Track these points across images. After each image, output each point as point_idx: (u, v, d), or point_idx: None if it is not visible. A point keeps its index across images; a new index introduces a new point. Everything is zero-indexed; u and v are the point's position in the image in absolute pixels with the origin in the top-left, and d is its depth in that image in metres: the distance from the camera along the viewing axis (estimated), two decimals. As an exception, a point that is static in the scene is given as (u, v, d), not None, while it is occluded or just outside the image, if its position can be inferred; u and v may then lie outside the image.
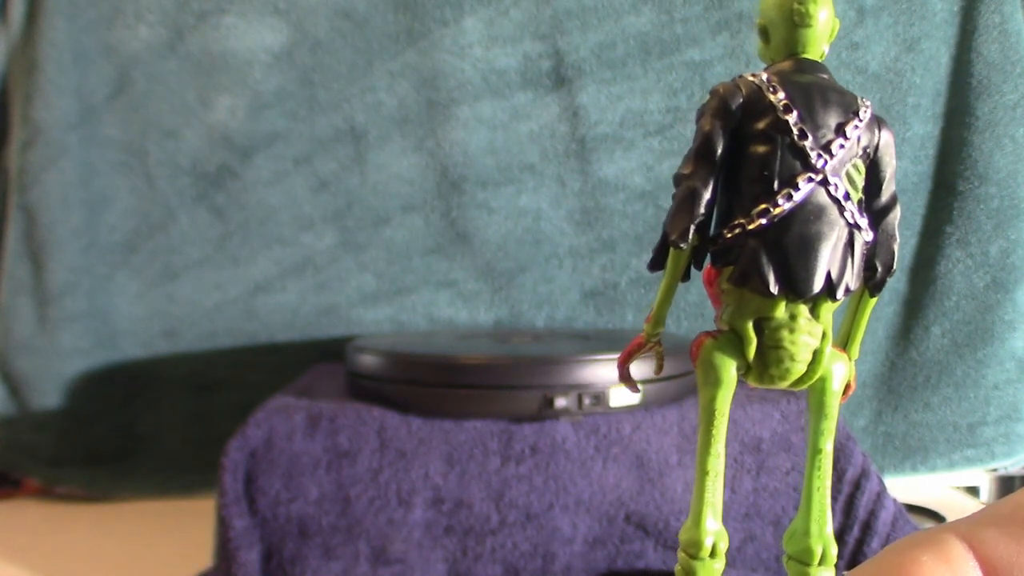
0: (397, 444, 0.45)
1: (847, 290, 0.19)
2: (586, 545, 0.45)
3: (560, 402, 0.46)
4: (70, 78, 0.64)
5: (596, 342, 0.55)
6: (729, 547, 0.20)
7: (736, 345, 0.19)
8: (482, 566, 0.44)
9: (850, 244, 0.19)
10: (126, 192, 0.66)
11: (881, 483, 0.48)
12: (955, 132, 0.68)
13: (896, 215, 0.20)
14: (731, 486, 0.46)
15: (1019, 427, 0.69)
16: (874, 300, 0.20)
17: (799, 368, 0.19)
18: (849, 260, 0.19)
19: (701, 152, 0.19)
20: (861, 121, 0.19)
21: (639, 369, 0.21)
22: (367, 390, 0.50)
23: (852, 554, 0.47)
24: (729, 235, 0.19)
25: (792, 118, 0.19)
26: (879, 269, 0.20)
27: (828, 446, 0.19)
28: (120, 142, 0.65)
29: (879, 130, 0.19)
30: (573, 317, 0.67)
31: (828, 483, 0.20)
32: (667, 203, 0.19)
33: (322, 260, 0.67)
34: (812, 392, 0.20)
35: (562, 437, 0.46)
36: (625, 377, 0.21)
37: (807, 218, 0.18)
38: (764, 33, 0.21)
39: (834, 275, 0.18)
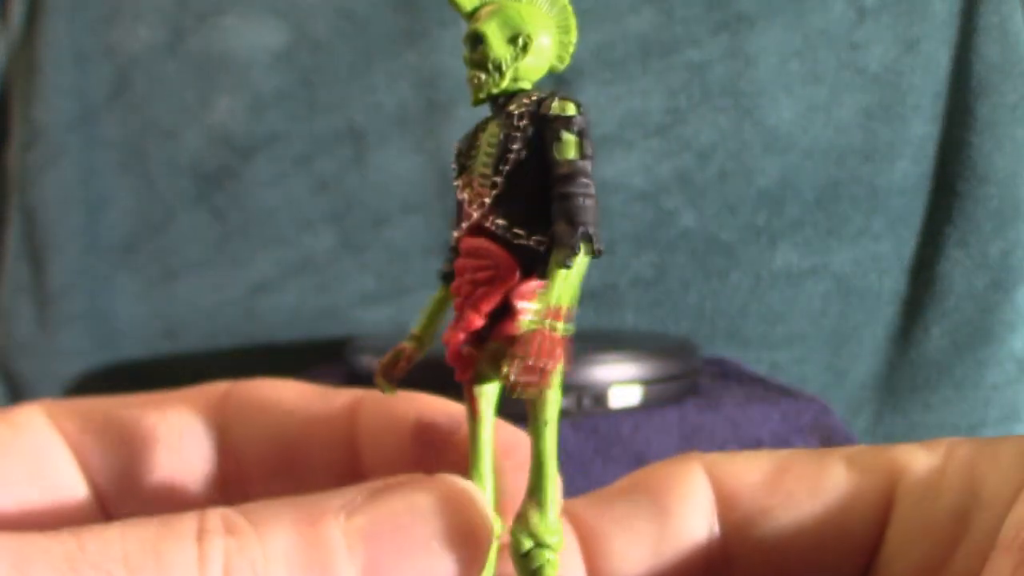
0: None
1: None
2: (586, 546, 0.45)
3: (560, 403, 0.46)
4: (70, 78, 0.64)
5: (596, 342, 0.54)
6: None
7: None
8: (482, 567, 0.44)
9: None
10: (126, 192, 0.66)
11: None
12: (955, 132, 0.67)
13: None
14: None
15: (1019, 428, 0.69)
16: None
17: None
18: None
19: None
20: None
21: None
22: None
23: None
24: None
25: None
26: None
27: None
28: (120, 142, 0.65)
29: None
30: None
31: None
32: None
33: (322, 260, 0.67)
34: None
35: (561, 437, 0.45)
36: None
37: None
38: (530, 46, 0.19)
39: None
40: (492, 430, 0.20)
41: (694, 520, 0.20)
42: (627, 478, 0.21)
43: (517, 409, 0.19)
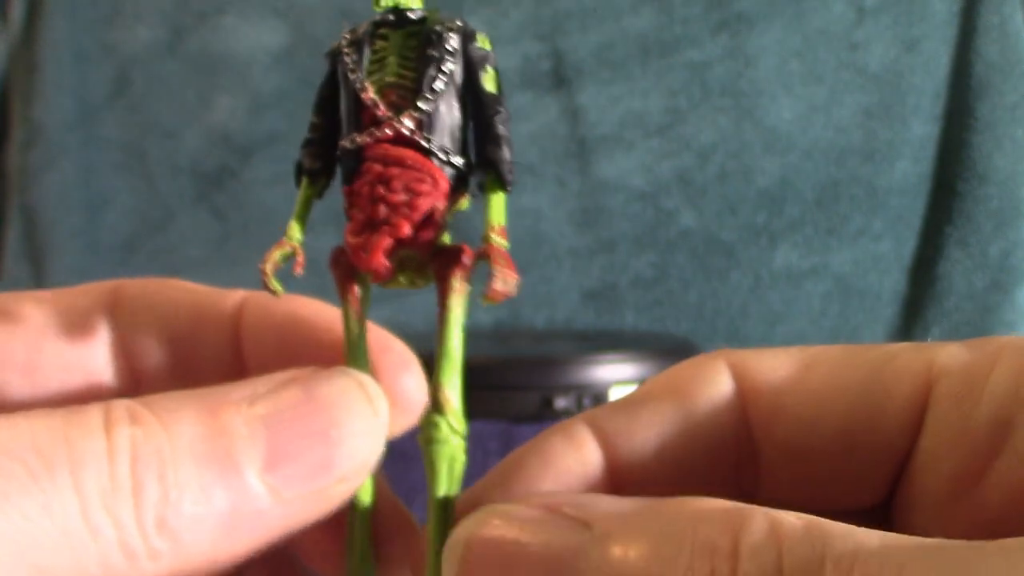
0: (397, 444, 0.45)
1: None
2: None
3: (560, 403, 0.46)
4: (70, 78, 0.64)
5: (595, 343, 0.55)
6: None
7: None
8: (482, 566, 0.44)
9: None
10: (126, 192, 0.66)
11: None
12: (955, 132, 0.67)
13: None
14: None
15: (1019, 428, 0.69)
16: None
17: None
18: None
19: None
20: None
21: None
22: (367, 390, 0.49)
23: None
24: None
25: None
26: None
27: None
28: (120, 142, 0.65)
29: None
30: (573, 318, 0.67)
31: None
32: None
33: (322, 260, 0.67)
34: None
35: (562, 438, 0.45)
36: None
37: None
38: None
39: None
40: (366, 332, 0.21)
41: (718, 422, 0.19)
42: (652, 380, 0.21)
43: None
